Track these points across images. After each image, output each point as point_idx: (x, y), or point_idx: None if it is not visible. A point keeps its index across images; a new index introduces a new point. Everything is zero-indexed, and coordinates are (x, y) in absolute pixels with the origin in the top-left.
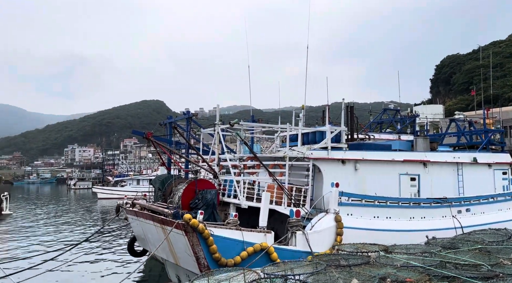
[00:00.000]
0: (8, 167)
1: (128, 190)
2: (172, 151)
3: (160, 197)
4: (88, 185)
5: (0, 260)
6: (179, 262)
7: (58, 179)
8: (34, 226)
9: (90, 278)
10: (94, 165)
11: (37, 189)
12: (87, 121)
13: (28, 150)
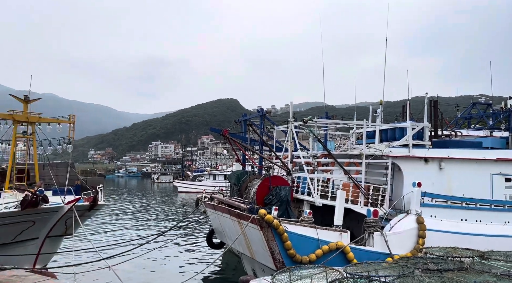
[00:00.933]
0: (101, 161)
1: (205, 184)
2: (247, 147)
3: (236, 192)
4: (169, 179)
5: (97, 245)
6: (255, 256)
7: (143, 173)
8: (124, 216)
9: (170, 267)
10: (175, 160)
11: (125, 182)
12: (168, 120)
13: (117, 146)
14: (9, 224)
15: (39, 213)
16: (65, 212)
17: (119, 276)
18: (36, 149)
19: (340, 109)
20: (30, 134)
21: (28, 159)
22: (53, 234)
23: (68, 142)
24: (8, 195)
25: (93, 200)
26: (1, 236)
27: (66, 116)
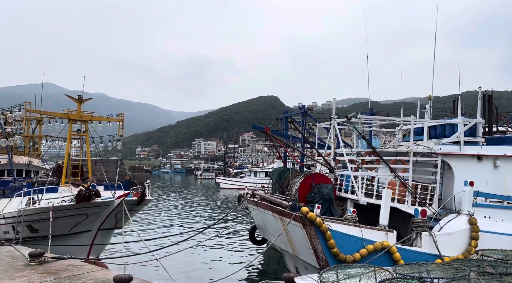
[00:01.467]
0: (147, 158)
1: (246, 181)
2: (288, 144)
3: (277, 189)
4: (212, 175)
5: (145, 237)
6: (298, 254)
7: (187, 169)
8: (170, 210)
9: (213, 261)
10: (217, 157)
11: (170, 177)
12: (210, 117)
13: (163, 143)
14: (65, 217)
15: (92, 207)
16: (115, 206)
17: (166, 268)
18: (89, 146)
19: (385, 105)
20: (83, 132)
21: (81, 155)
22: (104, 227)
23: (118, 139)
24: (64, 189)
25: (141, 195)
26: (58, 227)
27: (116, 115)
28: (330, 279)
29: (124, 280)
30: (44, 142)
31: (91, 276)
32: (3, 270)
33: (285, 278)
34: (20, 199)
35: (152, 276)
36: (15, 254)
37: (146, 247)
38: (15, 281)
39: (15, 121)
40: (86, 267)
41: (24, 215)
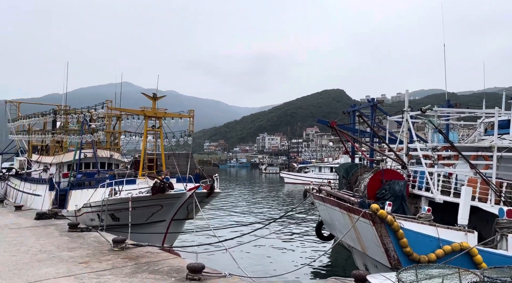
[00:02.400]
0: (215, 152)
1: (311, 176)
2: (356, 139)
3: (344, 185)
4: (276, 170)
5: (214, 228)
6: (367, 251)
7: (252, 163)
8: (236, 203)
9: (279, 254)
10: (281, 152)
11: (236, 171)
12: (274, 112)
13: (229, 138)
14: (143, 207)
15: (166, 198)
16: (187, 198)
17: (234, 258)
18: (163, 141)
19: (463, 97)
20: (157, 128)
21: (156, 150)
22: (177, 217)
23: (189, 135)
24: (141, 181)
25: (210, 188)
26: (137, 217)
27: (187, 112)
28: (409, 279)
29: (197, 269)
30: (123, 137)
31: (166, 263)
32: (91, 254)
33: (354, 276)
34: (103, 190)
35: (221, 265)
36: (101, 239)
37: (215, 238)
38: (102, 264)
39: (98, 118)
40: (162, 254)
41: (107, 204)
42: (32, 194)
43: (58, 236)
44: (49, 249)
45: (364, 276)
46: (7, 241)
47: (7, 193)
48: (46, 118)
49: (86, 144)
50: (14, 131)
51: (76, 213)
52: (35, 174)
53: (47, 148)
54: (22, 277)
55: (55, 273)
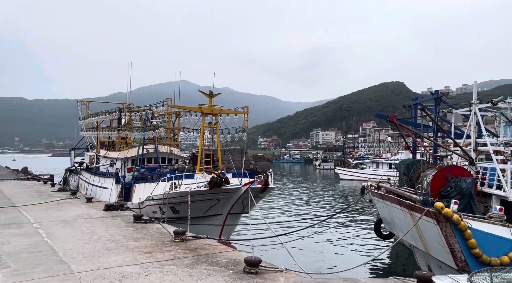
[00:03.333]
0: (268, 147)
1: (368, 172)
2: (418, 134)
3: (405, 182)
4: (330, 166)
5: (269, 222)
6: (430, 251)
7: (305, 159)
8: (291, 198)
9: (336, 251)
10: (335, 147)
11: (289, 167)
12: (329, 107)
13: (282, 133)
14: (201, 201)
15: (223, 193)
16: (242, 192)
17: (290, 253)
18: (219, 137)
19: None
20: (214, 124)
21: (212, 145)
22: (233, 211)
23: (243, 131)
24: (199, 176)
25: (264, 183)
26: (195, 210)
27: (241, 108)
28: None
29: (254, 262)
30: (182, 133)
31: (224, 255)
32: (154, 244)
33: (417, 276)
34: (164, 184)
35: (276, 260)
36: (163, 231)
37: (270, 232)
38: (164, 254)
39: (159, 115)
40: (219, 247)
41: (168, 197)
42: (100, 186)
43: (124, 226)
44: (117, 238)
45: (428, 277)
46: (81, 230)
47: (79, 186)
48: (112, 116)
49: (148, 140)
50: (84, 128)
51: (140, 205)
52: (103, 168)
53: (113, 144)
54: (94, 264)
55: (123, 261)
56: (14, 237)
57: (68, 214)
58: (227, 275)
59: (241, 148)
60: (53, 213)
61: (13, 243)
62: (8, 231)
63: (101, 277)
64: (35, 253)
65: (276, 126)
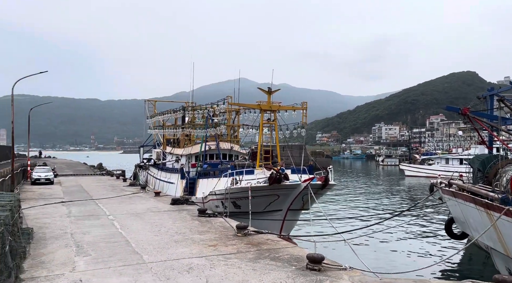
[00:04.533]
0: (327, 143)
1: (436, 168)
2: (495, 127)
3: (480, 179)
4: (395, 162)
5: (331, 219)
6: (511, 254)
7: (367, 155)
8: (352, 195)
9: (402, 251)
10: (400, 142)
11: (350, 163)
12: (392, 100)
13: (342, 129)
14: (261, 196)
15: (282, 189)
16: (302, 189)
17: (354, 251)
18: (277, 133)
19: None
20: (272, 120)
21: (271, 142)
22: (293, 207)
23: (302, 127)
24: (259, 172)
25: (325, 179)
26: (255, 205)
27: (299, 104)
28: None
29: (317, 259)
30: (241, 130)
31: (286, 251)
32: (218, 238)
33: (497, 281)
34: (226, 179)
35: (338, 258)
36: (226, 225)
37: (332, 229)
38: (228, 248)
39: (220, 113)
40: (281, 242)
41: (229, 192)
42: (167, 181)
43: (190, 220)
44: (183, 231)
45: (509, 281)
46: (150, 223)
47: (147, 180)
48: (177, 114)
49: (210, 137)
50: (151, 126)
51: (203, 200)
52: (169, 164)
53: (178, 141)
54: (164, 255)
55: (190, 253)
56: (93, 228)
57: (139, 207)
58: (290, 271)
59: (300, 144)
60: (126, 206)
61: (93, 233)
62: (89, 222)
63: (170, 268)
64: (111, 243)
65: (335, 122)
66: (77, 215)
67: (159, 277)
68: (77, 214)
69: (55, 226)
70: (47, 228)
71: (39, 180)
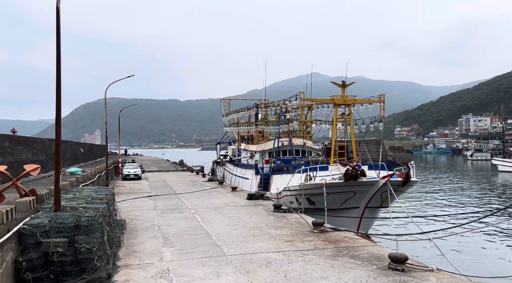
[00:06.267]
0: (407, 137)
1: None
2: None
3: None
4: (486, 156)
5: (414, 217)
6: None
7: (453, 149)
8: (436, 193)
9: (495, 254)
10: (492, 135)
11: (433, 158)
12: (482, 89)
13: (423, 121)
14: (336, 193)
15: (359, 185)
16: (380, 186)
17: (442, 251)
18: (353, 128)
19: None
20: (347, 115)
21: (346, 137)
22: (371, 205)
23: (379, 120)
24: (334, 168)
25: (406, 176)
26: (331, 202)
27: (375, 96)
28: None
29: (400, 259)
30: (314, 125)
31: (365, 250)
32: (294, 233)
33: None
34: (299, 175)
35: (423, 258)
36: (301, 221)
37: (414, 228)
38: (305, 244)
39: (292, 109)
40: (360, 240)
41: (303, 189)
42: (242, 177)
43: (266, 215)
44: (260, 226)
45: None
46: (229, 217)
47: (224, 176)
48: (250, 111)
49: (282, 133)
50: (227, 124)
51: (278, 195)
52: (243, 160)
53: (252, 138)
54: (242, 248)
55: (267, 248)
56: (177, 220)
57: (217, 202)
58: (371, 270)
59: (377, 138)
60: (205, 200)
61: (177, 226)
62: (173, 215)
63: (249, 261)
64: (194, 235)
65: (416, 114)
66: (163, 208)
67: (239, 269)
68: (162, 208)
69: (144, 218)
70: (137, 220)
71: (129, 175)
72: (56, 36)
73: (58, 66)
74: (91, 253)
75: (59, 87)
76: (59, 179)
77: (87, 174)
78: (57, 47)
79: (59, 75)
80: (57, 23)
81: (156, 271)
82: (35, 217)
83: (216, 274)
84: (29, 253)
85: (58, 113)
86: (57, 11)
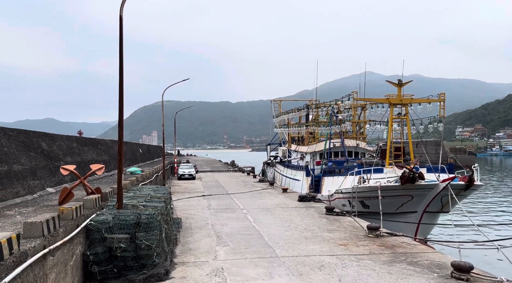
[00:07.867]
0: (470, 138)
1: None
2: None
3: None
4: None
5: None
6: None
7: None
8: (503, 198)
9: None
10: None
11: (500, 161)
12: None
13: (488, 121)
14: (392, 196)
15: (416, 189)
16: (440, 190)
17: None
18: (410, 128)
19: None
20: (404, 115)
21: (402, 138)
22: (430, 209)
23: (439, 120)
24: (389, 171)
25: (469, 179)
26: (386, 205)
27: (434, 96)
28: None
29: (464, 268)
30: (367, 126)
31: (425, 256)
32: (348, 237)
33: None
34: (352, 177)
35: (489, 268)
36: (355, 224)
37: (479, 235)
38: (359, 248)
39: (345, 109)
40: (418, 247)
41: (357, 191)
42: (293, 178)
43: (318, 217)
44: (312, 228)
45: None
46: (280, 218)
47: (275, 177)
48: (301, 112)
49: (334, 134)
50: (277, 125)
51: (329, 197)
52: (294, 161)
53: (302, 139)
54: (295, 250)
55: (320, 251)
56: (230, 220)
57: (268, 203)
58: (431, 278)
59: (436, 139)
60: (256, 200)
61: (230, 225)
62: (226, 214)
63: (302, 264)
64: (246, 236)
65: (479, 114)
66: (216, 207)
67: (292, 271)
68: (215, 207)
69: (198, 217)
70: (192, 219)
71: (184, 175)
72: (119, 42)
73: (121, 71)
74: (151, 249)
75: (122, 92)
76: (121, 178)
77: (145, 174)
78: (120, 54)
79: (121, 80)
80: (120, 30)
81: (211, 269)
82: (100, 214)
83: (269, 275)
84: (95, 247)
85: (120, 116)
86: (120, 20)
